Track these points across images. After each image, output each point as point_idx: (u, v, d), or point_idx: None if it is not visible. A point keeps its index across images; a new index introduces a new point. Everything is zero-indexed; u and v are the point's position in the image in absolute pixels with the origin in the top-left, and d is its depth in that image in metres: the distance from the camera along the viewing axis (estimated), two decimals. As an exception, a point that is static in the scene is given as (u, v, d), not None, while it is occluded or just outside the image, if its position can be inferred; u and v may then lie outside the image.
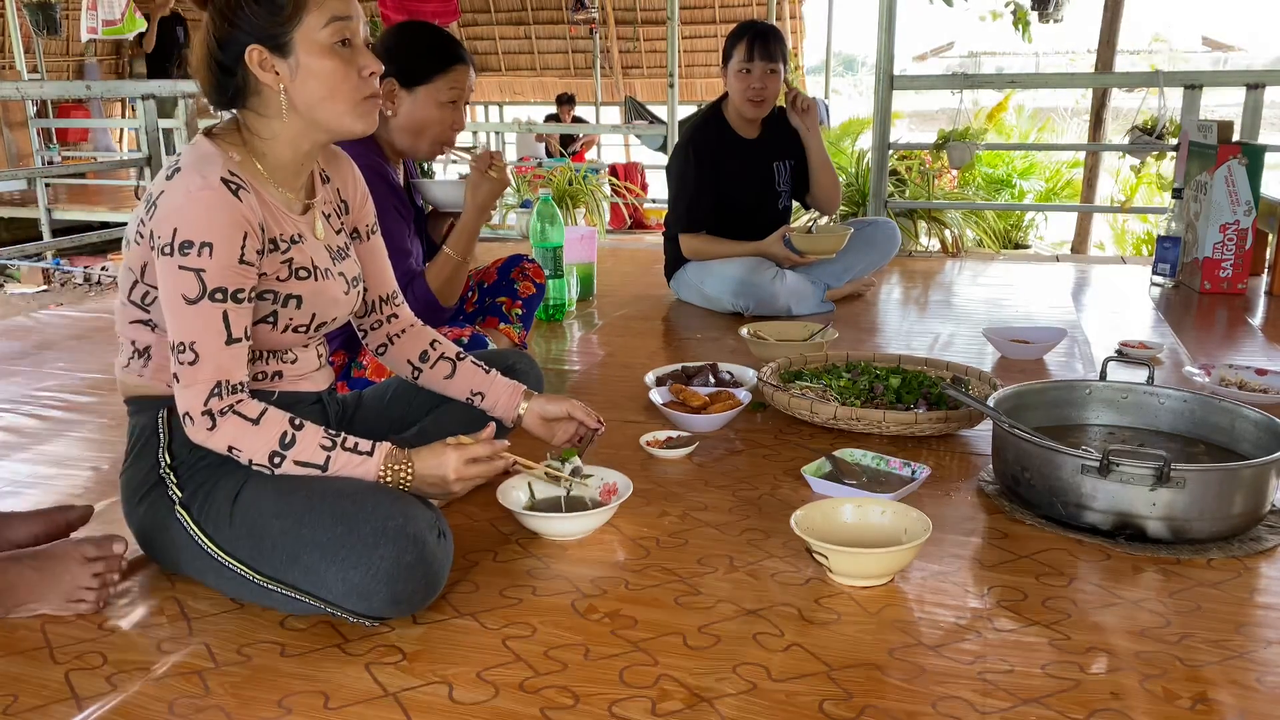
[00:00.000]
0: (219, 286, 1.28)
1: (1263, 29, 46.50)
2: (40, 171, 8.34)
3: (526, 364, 1.83)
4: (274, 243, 1.36)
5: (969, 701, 1.15)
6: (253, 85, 1.35)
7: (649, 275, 3.80)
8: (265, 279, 1.37)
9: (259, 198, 1.35)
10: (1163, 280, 3.56)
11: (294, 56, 1.34)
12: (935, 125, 8.31)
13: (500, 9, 11.91)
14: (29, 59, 8.90)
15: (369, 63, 1.38)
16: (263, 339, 1.41)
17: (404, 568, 1.25)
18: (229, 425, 1.30)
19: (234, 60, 1.34)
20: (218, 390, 1.29)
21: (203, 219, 1.27)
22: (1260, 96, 3.95)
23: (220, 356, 1.29)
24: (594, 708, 1.14)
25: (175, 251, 1.26)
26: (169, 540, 1.37)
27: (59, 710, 1.15)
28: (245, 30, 1.32)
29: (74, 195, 8.38)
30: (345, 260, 1.51)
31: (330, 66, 1.35)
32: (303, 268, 1.41)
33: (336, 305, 1.48)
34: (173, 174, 1.31)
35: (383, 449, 1.36)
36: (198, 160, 1.32)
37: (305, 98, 1.36)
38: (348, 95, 1.37)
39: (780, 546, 1.54)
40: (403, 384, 1.72)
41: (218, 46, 1.34)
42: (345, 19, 1.36)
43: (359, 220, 1.60)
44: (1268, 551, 1.52)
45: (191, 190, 1.28)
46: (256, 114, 1.38)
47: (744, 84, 3.08)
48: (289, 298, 1.40)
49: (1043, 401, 1.90)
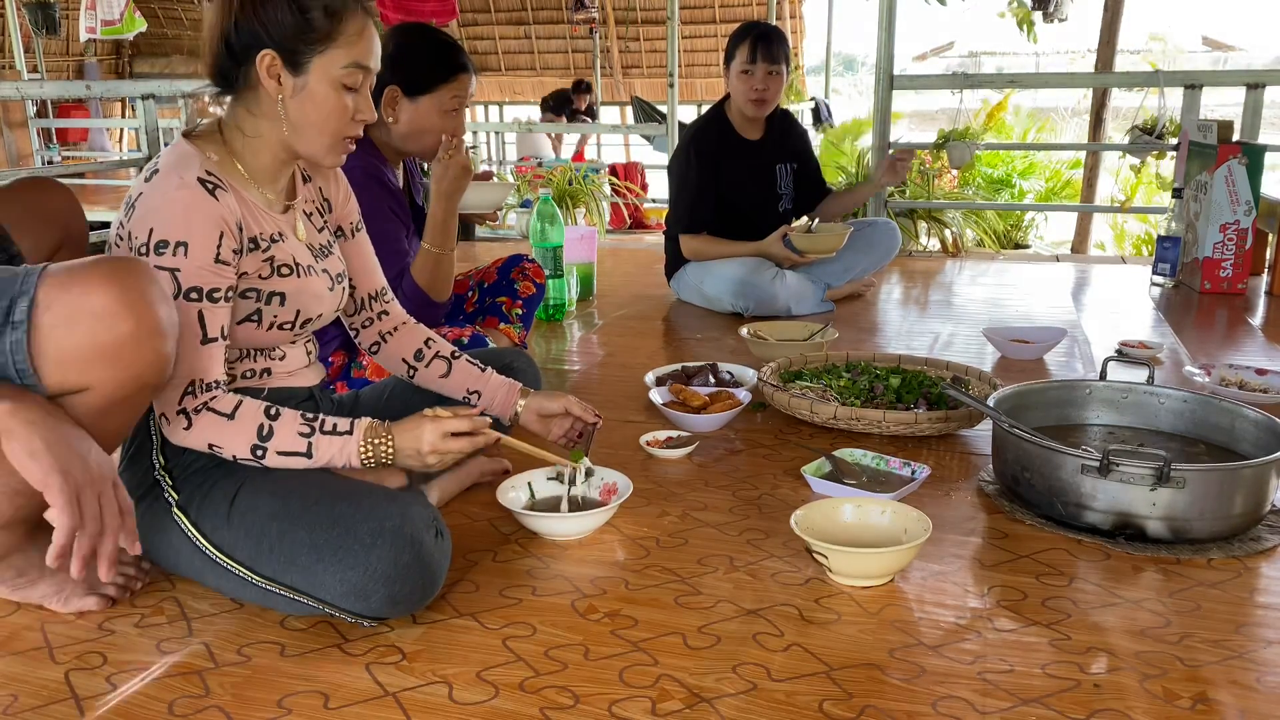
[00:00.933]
0: (194, 286, 1.28)
1: (1263, 29, 46.51)
2: (40, 171, 8.34)
3: (525, 363, 1.83)
4: (254, 241, 1.37)
5: (969, 701, 1.14)
6: (253, 81, 1.35)
7: (649, 275, 3.80)
8: (247, 278, 1.37)
9: (238, 196, 1.35)
10: (1163, 280, 3.56)
11: (304, 77, 1.35)
12: (935, 125, 8.30)
13: (500, 9, 11.90)
14: (29, 59, 8.90)
15: (365, 111, 1.41)
16: (249, 337, 1.42)
17: (401, 568, 1.25)
18: (204, 423, 1.31)
19: (244, 51, 1.33)
20: (191, 389, 1.30)
21: (179, 218, 1.27)
22: (1260, 96, 3.94)
23: (194, 356, 1.29)
24: (594, 708, 1.14)
25: (151, 251, 1.27)
26: (167, 542, 1.37)
27: (59, 710, 1.15)
28: (268, 32, 1.32)
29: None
30: (329, 258, 1.52)
31: (333, 101, 1.37)
32: (285, 265, 1.41)
33: (320, 302, 1.48)
34: (151, 175, 1.31)
35: (361, 425, 1.37)
36: (175, 161, 1.32)
37: (297, 116, 1.37)
38: (334, 131, 1.39)
39: (780, 546, 1.54)
40: (400, 383, 1.72)
41: (234, 30, 1.33)
42: (365, 69, 1.38)
43: (342, 219, 1.60)
44: (1268, 551, 1.52)
45: (168, 190, 1.28)
46: (247, 109, 1.38)
47: (746, 85, 3.09)
48: (272, 295, 1.40)
49: (1043, 401, 1.90)
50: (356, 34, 1.36)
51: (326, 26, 1.33)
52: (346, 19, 1.35)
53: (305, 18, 1.32)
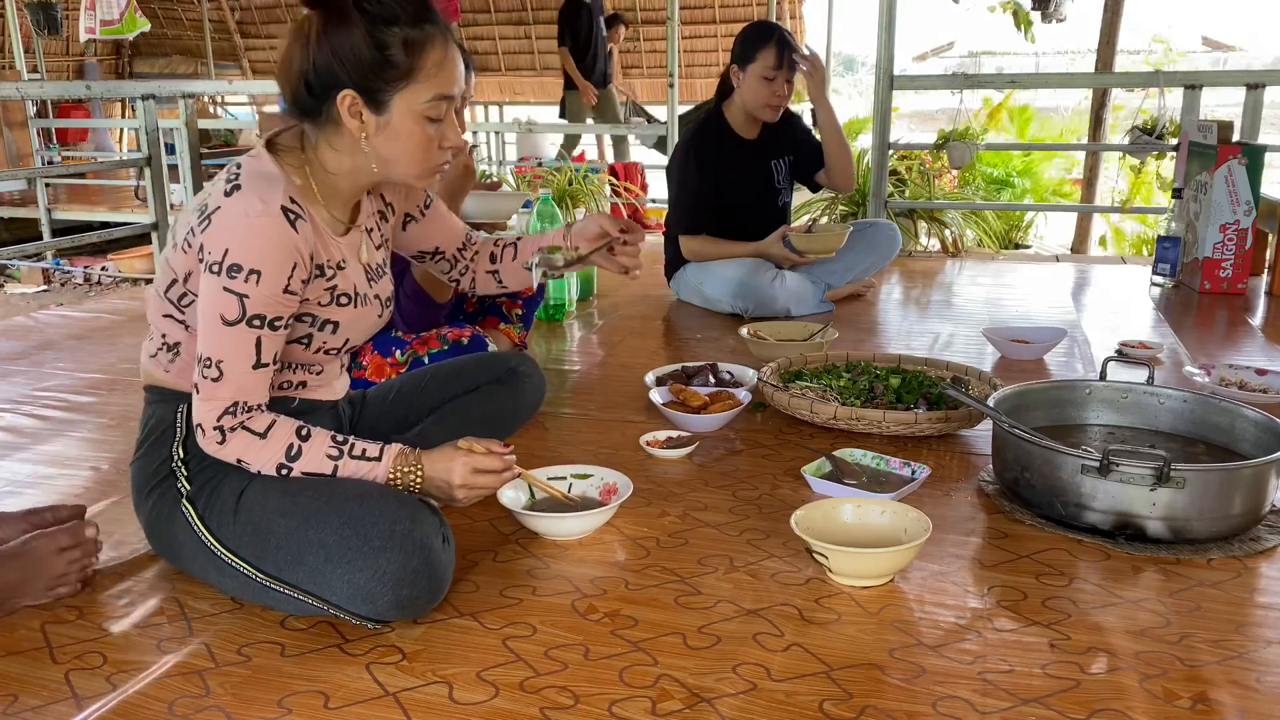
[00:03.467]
0: (259, 313, 1.27)
1: (1263, 29, 46.50)
2: (40, 171, 8.34)
3: (529, 367, 1.82)
4: (320, 269, 1.36)
5: (969, 701, 1.14)
6: (333, 118, 1.32)
7: (649, 275, 3.80)
8: (306, 304, 1.36)
9: (313, 224, 1.33)
10: (1163, 280, 3.56)
11: (387, 114, 1.32)
12: (935, 125, 8.30)
13: (500, 9, 11.89)
14: (29, 59, 8.88)
15: (453, 138, 1.38)
16: (295, 356, 1.42)
17: (410, 573, 1.25)
18: (237, 440, 1.31)
19: (323, 89, 1.30)
20: (233, 409, 1.29)
21: (257, 246, 1.25)
22: (1260, 96, 3.94)
23: (244, 378, 1.29)
24: (594, 708, 1.14)
25: (223, 272, 1.25)
26: (172, 534, 1.37)
27: (59, 710, 1.15)
28: (348, 72, 1.28)
29: (74, 195, 8.38)
30: (381, 280, 1.51)
31: (418, 135, 1.34)
32: (344, 294, 1.41)
33: (368, 330, 1.49)
34: (232, 190, 1.28)
35: (391, 452, 1.36)
36: (260, 181, 1.29)
37: (383, 152, 1.34)
38: (421, 162, 1.37)
39: (780, 546, 1.54)
40: (405, 384, 1.72)
41: (313, 68, 1.29)
42: (449, 99, 1.34)
43: (408, 207, 1.59)
44: (1268, 551, 1.52)
45: (250, 214, 1.25)
46: (328, 144, 1.35)
47: (768, 90, 3.06)
48: (326, 322, 1.40)
49: (1043, 401, 1.90)
50: (437, 65, 1.31)
51: (407, 63, 1.29)
52: (426, 52, 1.30)
53: (384, 55, 1.28)
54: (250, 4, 12.29)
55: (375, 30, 1.27)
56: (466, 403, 1.71)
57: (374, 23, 1.27)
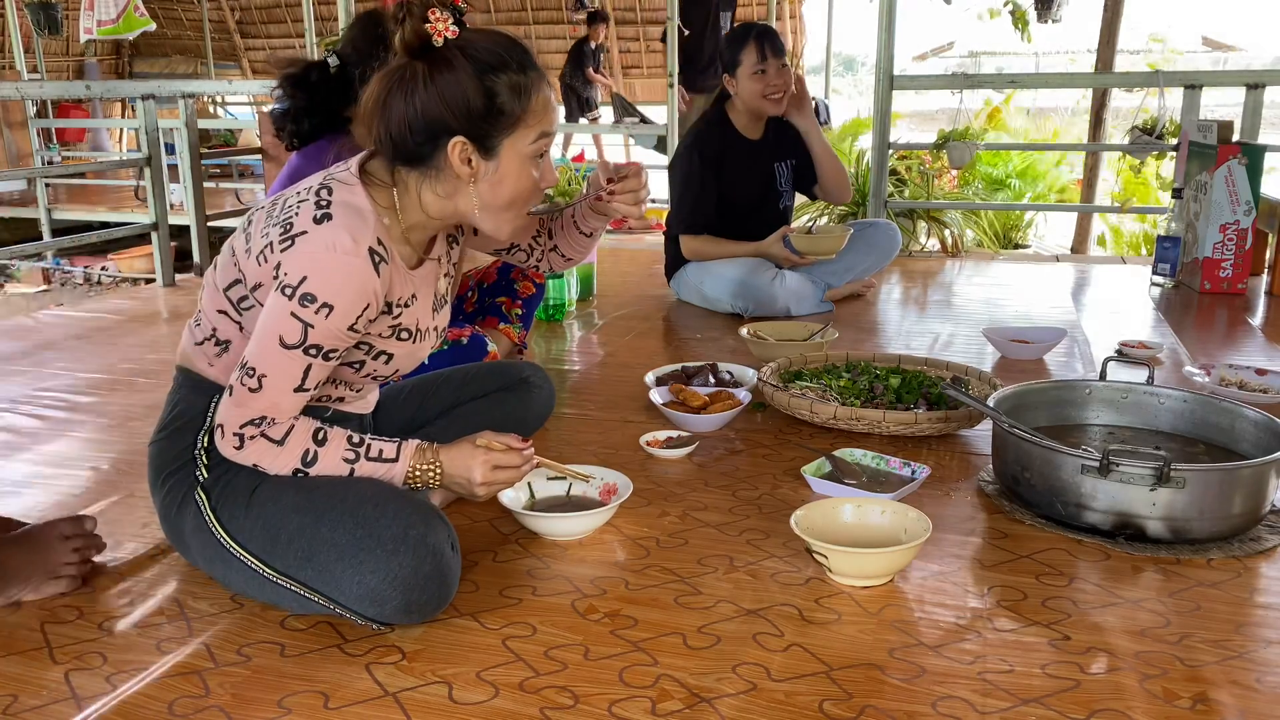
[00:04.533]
0: (318, 344, 1.27)
1: (1263, 29, 46.52)
2: (40, 171, 8.34)
3: (541, 378, 1.81)
4: (389, 306, 1.36)
5: (969, 701, 1.15)
6: (440, 165, 1.31)
7: (649, 275, 3.80)
8: (368, 336, 1.37)
9: (393, 263, 1.32)
10: (1163, 280, 3.56)
11: (496, 160, 1.32)
12: (935, 125, 8.30)
13: (500, 9, 11.90)
14: (29, 59, 8.89)
15: (550, 178, 1.39)
16: (342, 375, 1.42)
17: (422, 577, 1.25)
18: (255, 447, 1.30)
19: (431, 136, 1.29)
20: (259, 420, 1.29)
21: (336, 282, 1.25)
22: (1260, 96, 3.94)
23: (282, 398, 1.28)
24: (594, 708, 1.14)
25: (295, 297, 1.24)
26: (183, 522, 1.37)
27: (59, 710, 1.15)
28: (458, 120, 1.28)
29: (74, 195, 8.38)
30: (442, 310, 1.51)
31: (526, 178, 1.35)
32: (406, 330, 1.41)
33: (417, 362, 1.49)
34: (322, 218, 1.26)
35: (408, 449, 1.37)
36: (352, 215, 1.27)
37: (489, 197, 1.34)
38: (522, 205, 1.38)
39: (780, 546, 1.54)
40: (416, 386, 1.72)
41: (420, 116, 1.28)
42: (550, 136, 1.36)
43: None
44: (1268, 551, 1.52)
45: (337, 250, 1.24)
46: (430, 189, 1.34)
47: (762, 84, 3.08)
48: (381, 353, 1.41)
49: (1043, 401, 1.90)
50: (543, 108, 1.32)
51: (516, 109, 1.30)
52: (533, 95, 1.31)
53: (494, 103, 1.28)
54: (250, 4, 12.30)
55: (484, 78, 1.27)
56: (476, 408, 1.71)
57: (483, 71, 1.27)
